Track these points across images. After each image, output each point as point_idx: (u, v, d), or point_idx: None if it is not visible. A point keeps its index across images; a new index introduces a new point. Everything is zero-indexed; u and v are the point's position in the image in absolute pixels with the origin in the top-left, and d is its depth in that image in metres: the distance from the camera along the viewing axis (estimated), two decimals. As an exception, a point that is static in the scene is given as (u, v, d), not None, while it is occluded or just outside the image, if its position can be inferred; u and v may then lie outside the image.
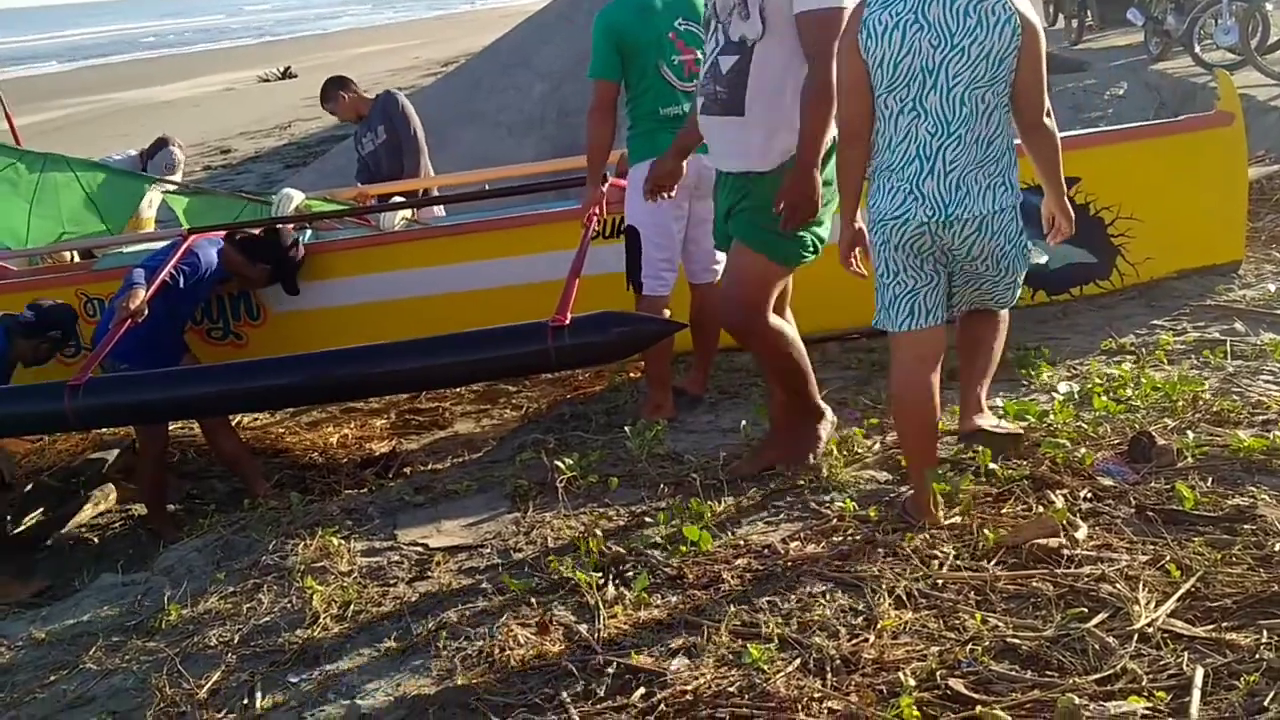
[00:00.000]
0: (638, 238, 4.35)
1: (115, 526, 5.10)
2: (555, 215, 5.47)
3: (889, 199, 3.10)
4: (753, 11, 3.32)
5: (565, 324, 3.82)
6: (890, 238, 3.13)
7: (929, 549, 2.95)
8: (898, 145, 3.07)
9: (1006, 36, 2.96)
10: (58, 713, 2.87)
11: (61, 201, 6.16)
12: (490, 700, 2.54)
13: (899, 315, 3.18)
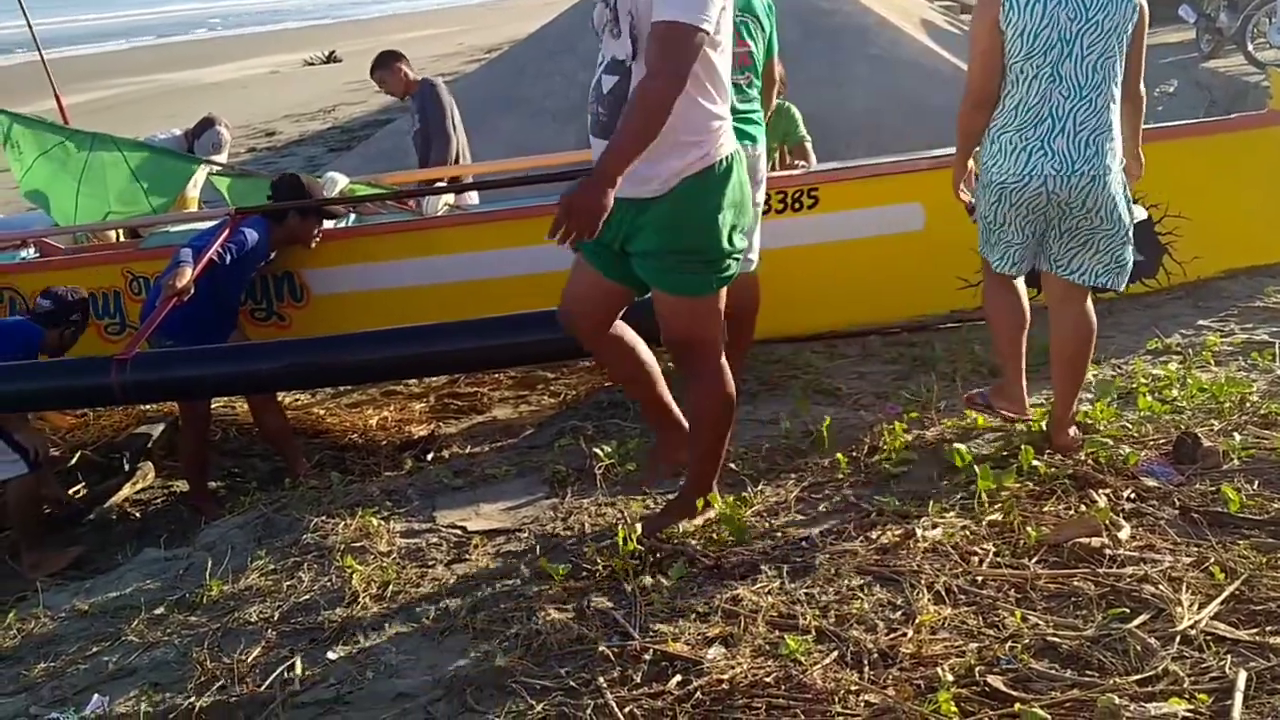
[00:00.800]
0: None
1: (157, 503, 5.16)
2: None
3: (1014, 159, 3.46)
4: (623, 30, 2.93)
5: None
6: (1008, 196, 3.49)
7: (969, 545, 2.93)
8: (1031, 107, 3.43)
9: (1128, 12, 3.40)
10: (100, 683, 2.90)
11: (109, 181, 6.23)
12: (527, 683, 2.55)
13: (994, 256, 3.65)
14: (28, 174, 6.24)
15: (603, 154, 2.87)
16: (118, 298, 5.49)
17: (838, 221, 4.99)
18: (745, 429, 4.10)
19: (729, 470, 3.66)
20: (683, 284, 3.10)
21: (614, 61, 2.99)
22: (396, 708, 2.56)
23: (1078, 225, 3.47)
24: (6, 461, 4.48)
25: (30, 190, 6.28)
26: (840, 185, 5.11)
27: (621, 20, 2.92)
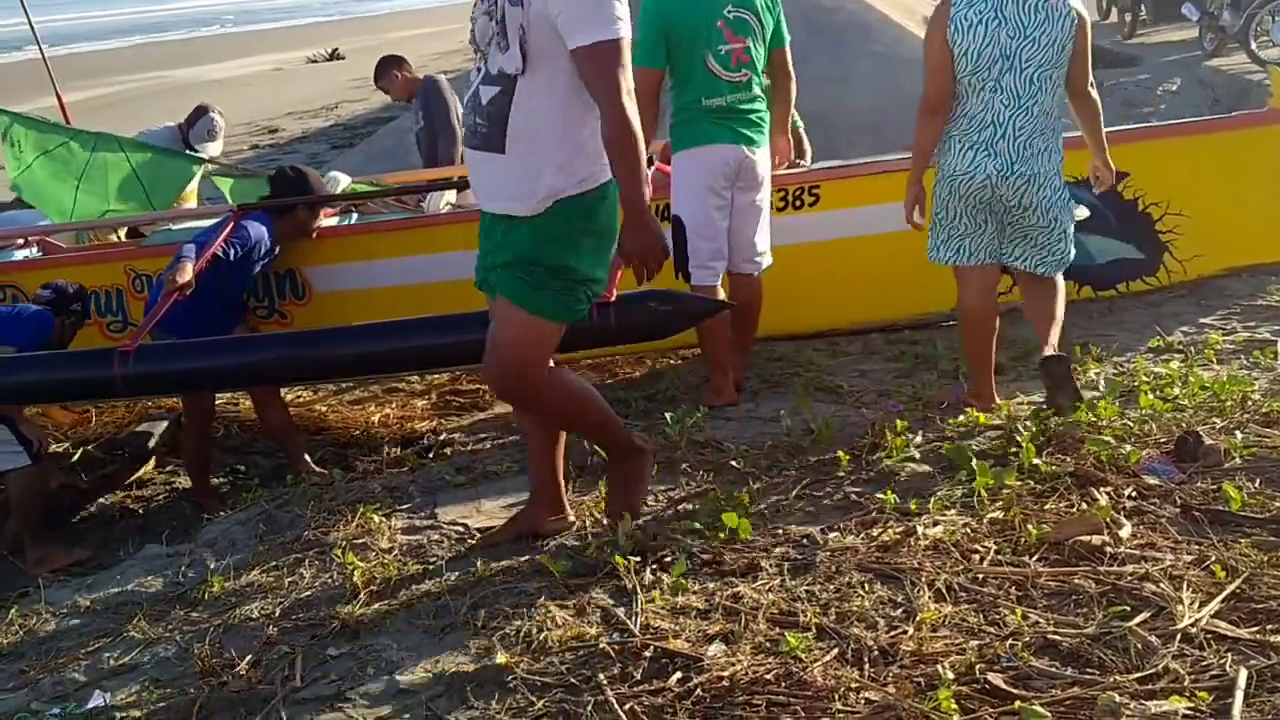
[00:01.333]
0: (683, 228, 4.35)
1: (159, 499, 5.16)
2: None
3: (962, 157, 3.88)
4: (512, 44, 2.86)
5: (610, 301, 3.85)
6: (957, 189, 3.90)
7: (970, 543, 2.93)
8: (976, 114, 3.85)
9: (1067, 28, 3.77)
10: (101, 679, 2.91)
11: (110, 180, 6.23)
12: (527, 679, 2.55)
13: (947, 253, 4.03)
14: (25, 172, 6.23)
15: (623, 199, 2.91)
16: (120, 295, 5.49)
17: (839, 219, 4.99)
18: (746, 426, 4.10)
19: (730, 468, 3.66)
20: (536, 300, 3.00)
21: (500, 75, 2.93)
22: (397, 703, 2.56)
23: (1016, 220, 3.91)
24: (9, 452, 4.48)
25: (26, 189, 6.27)
26: (841, 183, 5.11)
27: (510, 35, 2.87)
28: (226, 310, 4.90)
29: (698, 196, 4.32)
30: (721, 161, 4.31)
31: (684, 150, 4.34)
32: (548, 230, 2.97)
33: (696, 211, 4.33)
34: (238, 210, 5.10)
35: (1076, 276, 5.22)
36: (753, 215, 4.45)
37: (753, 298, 4.50)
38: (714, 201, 4.33)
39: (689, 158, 4.34)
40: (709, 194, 4.31)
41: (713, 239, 4.36)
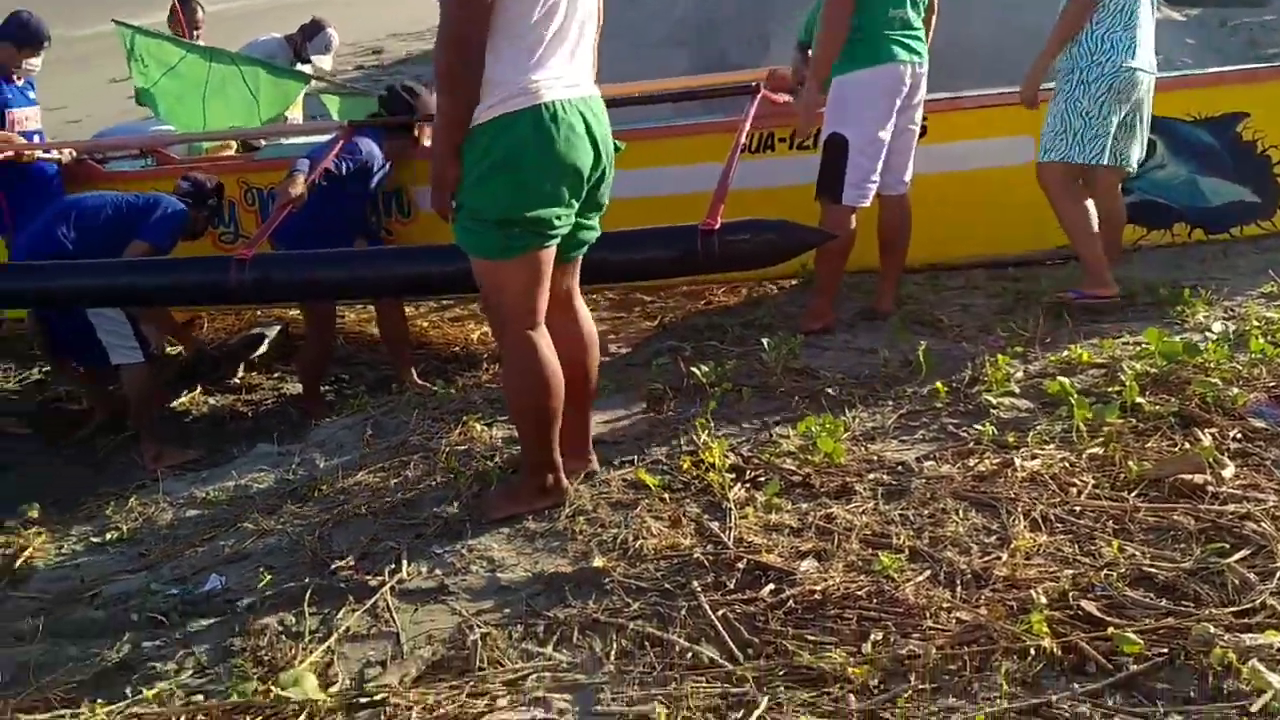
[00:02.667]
0: (844, 148, 4.29)
1: (267, 404, 5.35)
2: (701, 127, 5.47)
3: (1123, 52, 4.17)
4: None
5: (715, 228, 3.85)
6: (1117, 85, 4.19)
7: (1068, 476, 2.93)
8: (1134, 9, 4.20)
9: None
10: (216, 565, 3.06)
11: (229, 95, 6.39)
12: (623, 582, 2.63)
13: (1094, 150, 4.26)
14: (153, 87, 6.42)
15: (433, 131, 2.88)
16: (232, 208, 5.65)
17: (945, 153, 4.91)
18: (843, 356, 4.11)
19: (826, 395, 3.68)
20: (466, 240, 2.92)
21: None
22: (498, 598, 2.66)
23: (1138, 117, 4.26)
24: (126, 347, 4.69)
25: (154, 102, 6.46)
26: (949, 115, 5.02)
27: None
28: (337, 224, 5.01)
29: (872, 116, 4.26)
30: (898, 79, 4.27)
31: (863, 68, 4.24)
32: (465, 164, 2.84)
33: (866, 131, 4.27)
34: (349, 126, 5.19)
35: (1190, 218, 5.09)
36: (911, 132, 4.44)
37: (905, 218, 4.50)
38: (885, 121, 4.28)
39: (868, 75, 4.24)
40: (883, 114, 4.27)
41: (875, 159, 4.30)
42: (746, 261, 4.09)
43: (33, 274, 4.69)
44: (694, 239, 3.88)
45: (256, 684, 2.35)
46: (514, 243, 2.86)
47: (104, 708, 2.38)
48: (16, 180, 5.40)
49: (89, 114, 11.11)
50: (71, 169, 5.66)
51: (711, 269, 4.06)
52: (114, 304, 4.64)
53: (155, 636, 2.70)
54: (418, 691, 2.30)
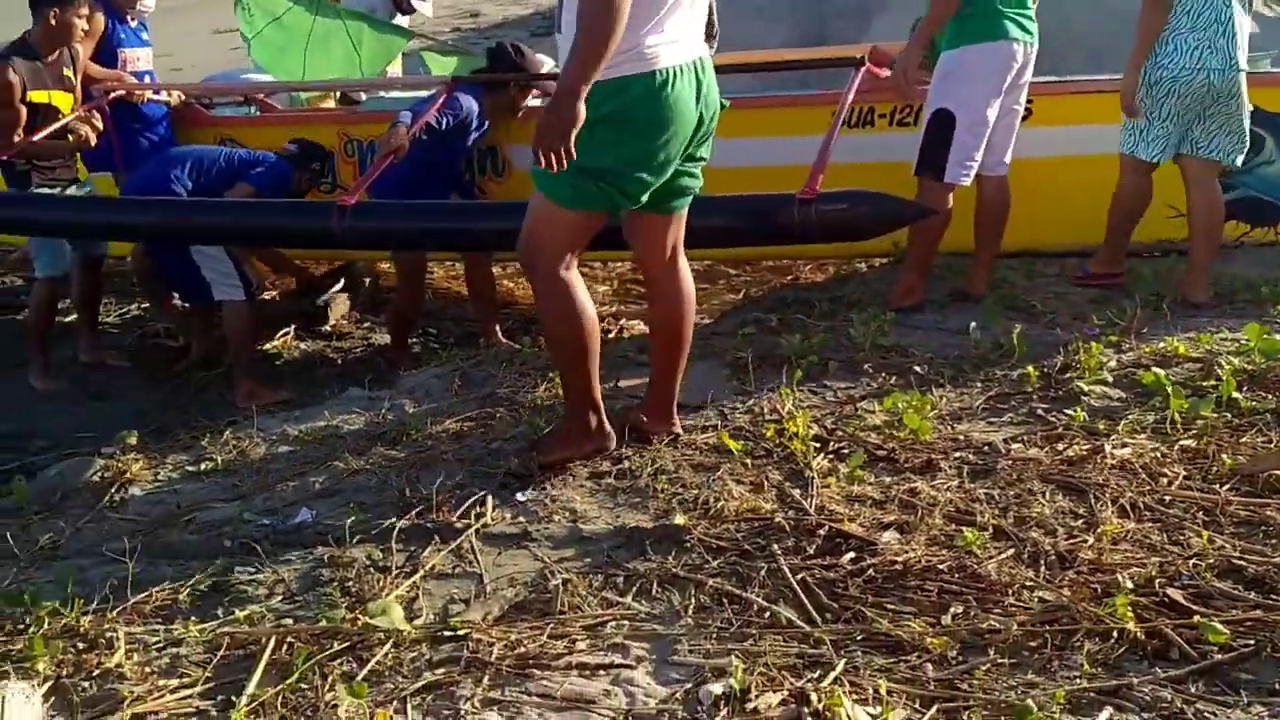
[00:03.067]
0: (950, 124, 4.26)
1: (356, 352, 5.46)
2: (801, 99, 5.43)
3: (1187, 54, 4.20)
4: None
5: (813, 197, 3.84)
6: (1177, 87, 4.22)
7: (1159, 466, 2.89)
8: (1202, 10, 4.18)
9: None
10: (307, 499, 3.15)
11: (331, 48, 6.48)
12: (704, 540, 2.66)
13: (1154, 149, 4.34)
14: (258, 37, 6.53)
15: (562, 70, 2.81)
16: (331, 159, 5.74)
17: (1048, 136, 4.82)
18: (933, 336, 4.08)
19: (914, 373, 3.66)
20: (542, 177, 2.91)
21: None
22: (579, 548, 2.70)
23: (1219, 111, 4.24)
24: (229, 285, 4.81)
25: (259, 52, 6.57)
26: (1055, 99, 4.93)
27: None
28: (435, 180, 5.08)
29: (981, 93, 4.24)
30: (1011, 57, 4.24)
31: (975, 44, 4.22)
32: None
33: (974, 108, 4.24)
34: (451, 82, 5.25)
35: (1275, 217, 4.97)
36: (1015, 113, 4.42)
37: (1004, 200, 4.47)
38: (993, 99, 4.26)
39: (980, 51, 4.22)
40: (993, 92, 4.25)
41: (979, 137, 4.28)
42: (843, 232, 4.06)
43: (142, 209, 4.84)
44: (791, 207, 3.86)
45: (344, 612, 2.42)
46: (586, 196, 2.93)
47: (196, 625, 2.46)
48: (128, 120, 5.54)
49: (193, 64, 11.34)
50: (179, 112, 5.80)
51: (808, 238, 4.04)
52: (218, 242, 4.76)
53: (247, 563, 2.79)
54: (499, 629, 2.35)
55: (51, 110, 5.03)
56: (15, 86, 4.84)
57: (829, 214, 3.84)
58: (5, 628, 2.50)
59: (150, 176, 5.02)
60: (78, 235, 5.23)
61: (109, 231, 5.20)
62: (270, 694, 2.15)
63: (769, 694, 2.07)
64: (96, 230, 5.15)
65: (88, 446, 4.06)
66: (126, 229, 5.04)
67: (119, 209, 4.99)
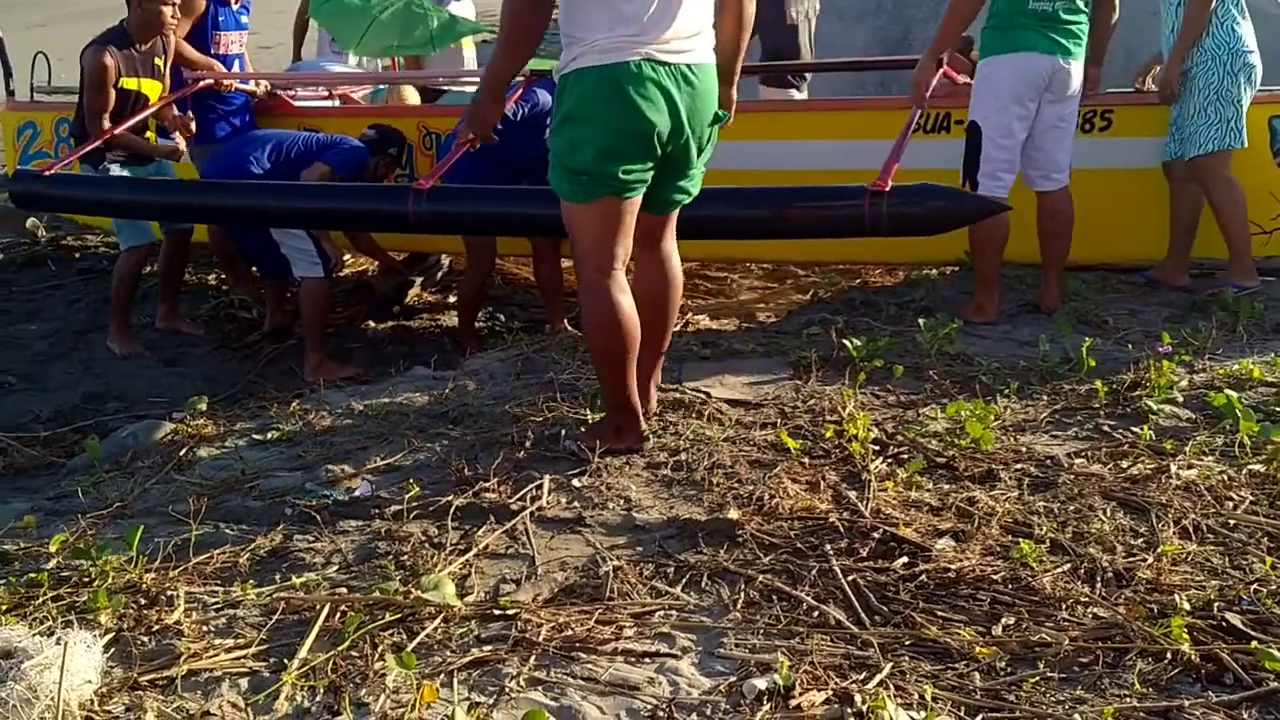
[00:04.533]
0: (979, 135, 4.30)
1: (424, 331, 5.53)
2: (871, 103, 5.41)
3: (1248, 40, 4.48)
4: None
5: (885, 190, 3.82)
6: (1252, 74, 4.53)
7: (1225, 490, 2.83)
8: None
9: None
10: (367, 473, 3.20)
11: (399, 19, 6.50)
12: (756, 536, 2.65)
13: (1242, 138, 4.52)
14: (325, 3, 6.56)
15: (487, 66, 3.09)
16: (409, 151, 5.81)
17: (1129, 148, 4.76)
18: (1001, 346, 4.04)
19: (975, 382, 3.63)
20: (553, 181, 3.12)
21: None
22: (632, 536, 2.72)
23: None
24: (308, 262, 4.90)
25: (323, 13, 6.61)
26: (1137, 110, 4.86)
27: None
28: (507, 171, 5.11)
29: (1002, 105, 4.28)
30: (1035, 71, 4.25)
31: (997, 55, 4.29)
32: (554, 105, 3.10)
33: (999, 119, 4.29)
34: (530, 76, 5.28)
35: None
36: (1059, 129, 4.39)
37: (1061, 214, 4.45)
38: (1018, 111, 4.28)
39: (1003, 63, 4.28)
40: (1014, 103, 4.26)
41: (1009, 150, 4.31)
42: (914, 227, 4.03)
43: (222, 191, 4.92)
44: (863, 199, 3.84)
45: (398, 584, 2.46)
46: (583, 189, 3.04)
47: (254, 588, 2.52)
48: (211, 101, 5.64)
49: (280, 41, 11.53)
50: (264, 101, 5.90)
51: (879, 231, 4.03)
52: (296, 225, 4.85)
53: (306, 531, 2.84)
54: (548, 611, 2.37)
55: (140, 98, 5.17)
56: (110, 70, 4.97)
57: (901, 208, 3.81)
58: (71, 580, 2.57)
59: (230, 158, 5.12)
60: (160, 218, 5.38)
61: (192, 214, 5.32)
62: (321, 659, 2.19)
63: (813, 692, 2.06)
64: (179, 213, 5.28)
65: (160, 410, 4.17)
66: (209, 211, 5.13)
67: (202, 192, 5.07)
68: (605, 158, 2.98)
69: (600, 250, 3.06)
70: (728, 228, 4.27)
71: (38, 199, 5.29)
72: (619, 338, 3.10)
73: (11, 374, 5.07)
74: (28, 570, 2.64)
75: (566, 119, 3.00)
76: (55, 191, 5.12)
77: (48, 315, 5.83)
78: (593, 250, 3.07)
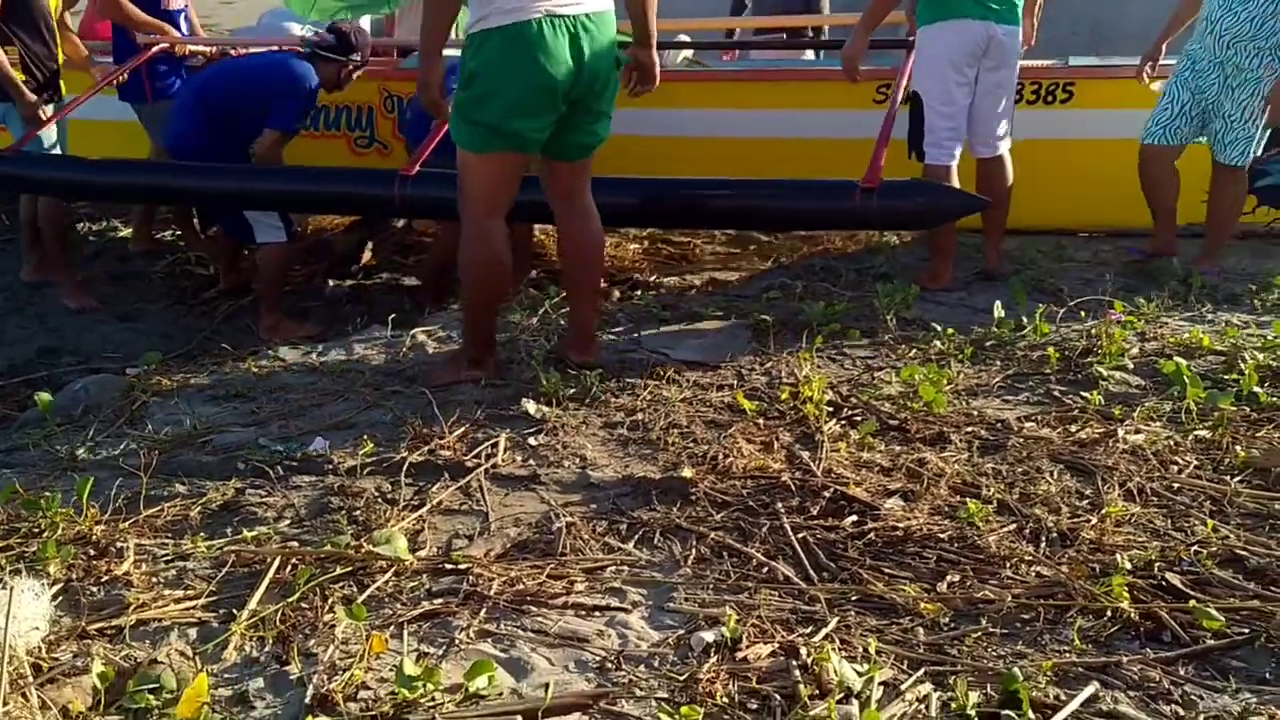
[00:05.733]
0: (921, 104, 4.34)
1: (382, 291, 5.48)
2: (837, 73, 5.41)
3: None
4: None
5: (874, 187, 3.87)
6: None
7: (1170, 455, 2.88)
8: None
9: None
10: (323, 429, 3.19)
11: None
12: (709, 494, 2.68)
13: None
14: None
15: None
16: (370, 113, 5.73)
17: (1089, 119, 4.82)
18: (956, 313, 4.07)
19: (929, 347, 3.66)
20: (453, 129, 3.35)
21: None
22: (586, 494, 2.73)
23: None
24: (272, 227, 4.81)
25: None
26: (1097, 83, 4.91)
27: None
28: None
29: (941, 72, 4.29)
30: (971, 37, 4.25)
31: (933, 24, 4.30)
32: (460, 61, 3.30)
33: (938, 87, 4.31)
34: None
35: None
36: (996, 96, 4.39)
37: (999, 180, 4.47)
38: (956, 79, 4.29)
39: (937, 31, 4.30)
40: (952, 70, 4.27)
41: (952, 117, 4.32)
42: (902, 221, 4.13)
43: (196, 175, 4.79)
44: (853, 195, 3.90)
45: (349, 539, 2.46)
46: (483, 141, 3.27)
47: (205, 541, 2.51)
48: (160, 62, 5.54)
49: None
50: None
51: (868, 226, 4.11)
52: (278, 209, 4.76)
53: (258, 486, 2.83)
54: (500, 566, 2.38)
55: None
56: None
57: (889, 202, 3.89)
58: (20, 530, 2.56)
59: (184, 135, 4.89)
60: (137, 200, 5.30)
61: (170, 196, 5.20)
62: (271, 610, 2.19)
63: (759, 645, 2.09)
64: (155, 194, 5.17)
65: (114, 365, 4.13)
66: (187, 194, 5.02)
67: (178, 174, 4.93)
68: (510, 113, 3.21)
69: (490, 198, 3.34)
70: (720, 217, 4.47)
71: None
72: (493, 277, 3.40)
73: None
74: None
75: (474, 76, 3.22)
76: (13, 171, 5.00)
77: (1, 269, 5.73)
78: (483, 197, 3.33)
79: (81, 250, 5.94)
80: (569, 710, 1.92)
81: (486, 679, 1.96)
